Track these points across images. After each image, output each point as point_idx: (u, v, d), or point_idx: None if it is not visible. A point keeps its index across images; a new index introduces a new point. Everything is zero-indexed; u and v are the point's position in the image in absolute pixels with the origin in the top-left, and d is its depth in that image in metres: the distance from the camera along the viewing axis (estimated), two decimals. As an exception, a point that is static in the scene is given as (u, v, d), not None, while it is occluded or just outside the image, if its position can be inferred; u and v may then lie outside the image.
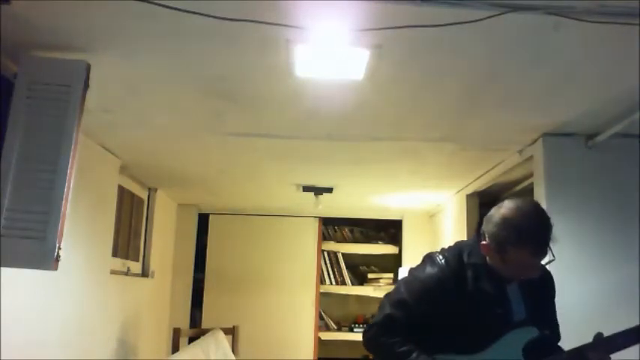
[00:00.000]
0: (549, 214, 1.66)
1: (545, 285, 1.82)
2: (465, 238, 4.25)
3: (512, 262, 1.65)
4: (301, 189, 4.62)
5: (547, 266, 1.70)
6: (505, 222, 1.64)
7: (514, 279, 1.73)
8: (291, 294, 5.87)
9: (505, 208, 1.68)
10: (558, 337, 1.83)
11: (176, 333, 4.22)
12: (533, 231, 1.62)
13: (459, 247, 1.81)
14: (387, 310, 1.76)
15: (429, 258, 1.80)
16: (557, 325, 1.85)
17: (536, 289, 1.77)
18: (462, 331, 1.69)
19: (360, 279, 6.19)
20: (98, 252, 3.58)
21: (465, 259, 1.74)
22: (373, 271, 6.19)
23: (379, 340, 1.76)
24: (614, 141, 2.86)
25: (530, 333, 1.71)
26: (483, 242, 1.69)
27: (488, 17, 1.74)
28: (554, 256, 1.64)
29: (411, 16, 1.79)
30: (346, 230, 6.27)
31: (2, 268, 2.14)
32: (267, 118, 2.92)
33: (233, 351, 4.41)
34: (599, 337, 1.64)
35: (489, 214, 1.72)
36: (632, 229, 2.86)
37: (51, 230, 1.99)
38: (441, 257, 1.76)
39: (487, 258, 1.71)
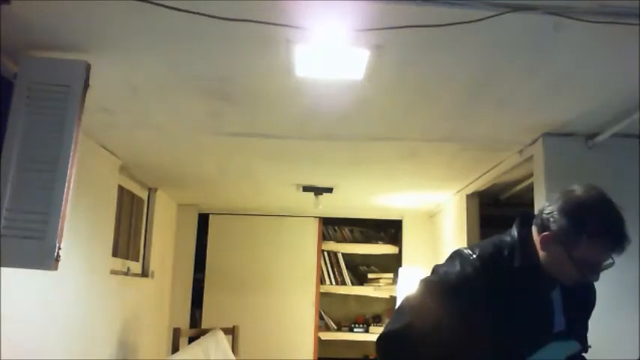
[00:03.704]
0: None
1: (587, 296, 1.60)
2: (464, 238, 4.31)
3: (578, 259, 1.39)
4: (301, 189, 4.62)
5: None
6: (582, 208, 1.40)
7: (566, 283, 1.49)
8: (291, 294, 5.86)
9: (579, 192, 1.44)
10: (586, 350, 1.62)
11: (176, 333, 4.22)
12: (615, 221, 1.40)
13: (495, 244, 1.53)
14: (408, 317, 1.50)
15: (458, 255, 1.52)
16: (587, 338, 1.64)
17: (577, 300, 1.55)
18: (497, 342, 1.43)
19: (360, 279, 6.19)
20: (98, 252, 3.58)
21: (506, 259, 1.48)
22: (373, 271, 6.19)
23: (396, 353, 1.51)
24: (614, 141, 2.86)
25: (572, 348, 1.54)
26: (546, 233, 1.43)
27: (489, 17, 1.74)
28: (613, 260, 1.41)
29: (411, 16, 1.79)
30: (346, 230, 6.27)
31: (2, 268, 2.14)
32: (267, 118, 2.91)
33: (233, 351, 4.41)
34: None
35: (551, 203, 1.46)
36: (633, 229, 2.82)
37: (51, 230, 1.99)
38: (473, 255, 1.49)
39: (539, 256, 1.46)
